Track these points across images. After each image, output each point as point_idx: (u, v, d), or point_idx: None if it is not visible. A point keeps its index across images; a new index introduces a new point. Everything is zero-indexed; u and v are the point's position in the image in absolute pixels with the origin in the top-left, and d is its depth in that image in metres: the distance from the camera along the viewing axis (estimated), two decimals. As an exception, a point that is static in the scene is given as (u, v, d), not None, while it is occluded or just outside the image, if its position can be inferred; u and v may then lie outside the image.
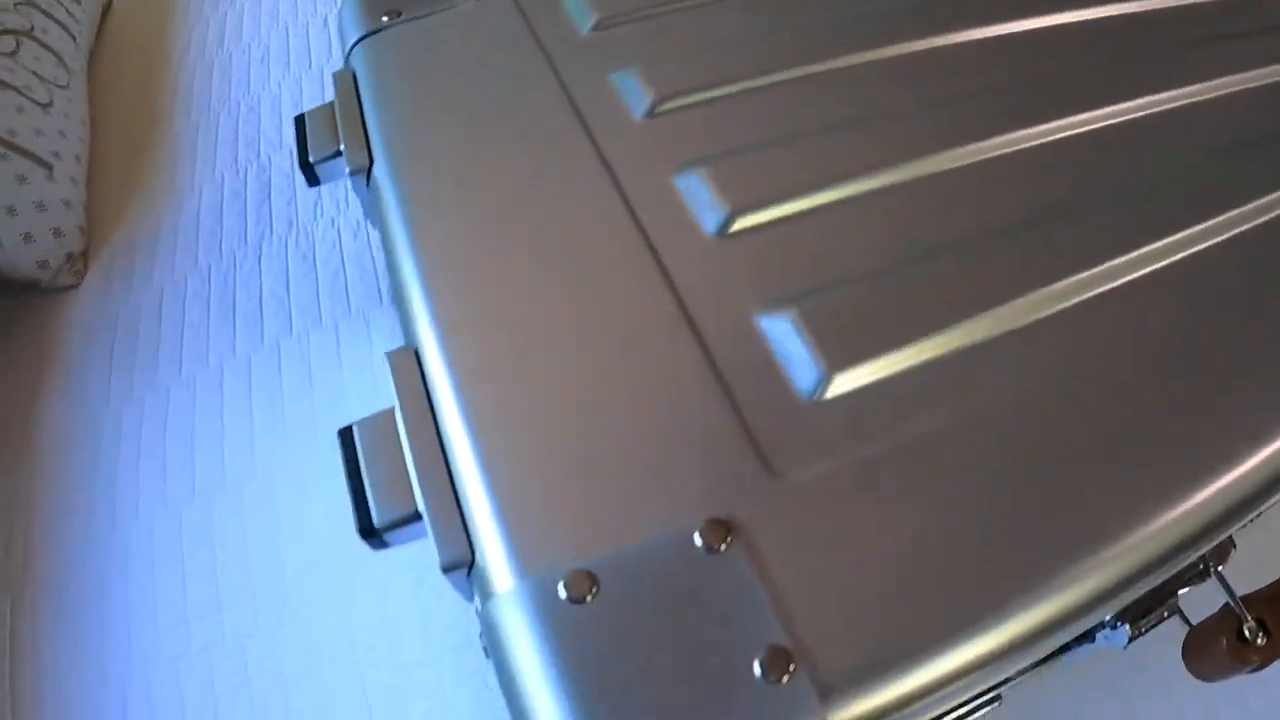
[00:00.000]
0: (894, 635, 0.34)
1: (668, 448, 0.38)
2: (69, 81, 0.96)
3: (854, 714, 0.33)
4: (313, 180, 0.58)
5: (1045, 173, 0.48)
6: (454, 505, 0.39)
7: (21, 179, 0.83)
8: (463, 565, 0.37)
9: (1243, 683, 0.59)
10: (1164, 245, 0.44)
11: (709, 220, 0.47)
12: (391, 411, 0.43)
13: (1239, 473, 0.38)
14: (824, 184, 0.48)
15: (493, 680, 0.62)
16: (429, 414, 0.42)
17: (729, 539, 0.36)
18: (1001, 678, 0.37)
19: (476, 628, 0.65)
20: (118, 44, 1.12)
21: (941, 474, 0.37)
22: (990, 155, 0.49)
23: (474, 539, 0.38)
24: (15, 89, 0.87)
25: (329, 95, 0.96)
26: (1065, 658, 0.47)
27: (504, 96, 0.54)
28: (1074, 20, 0.57)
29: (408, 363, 0.44)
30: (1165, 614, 0.41)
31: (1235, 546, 0.45)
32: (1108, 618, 0.40)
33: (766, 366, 0.41)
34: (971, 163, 0.49)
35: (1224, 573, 0.43)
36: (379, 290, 0.82)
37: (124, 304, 0.86)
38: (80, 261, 0.88)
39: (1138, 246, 0.44)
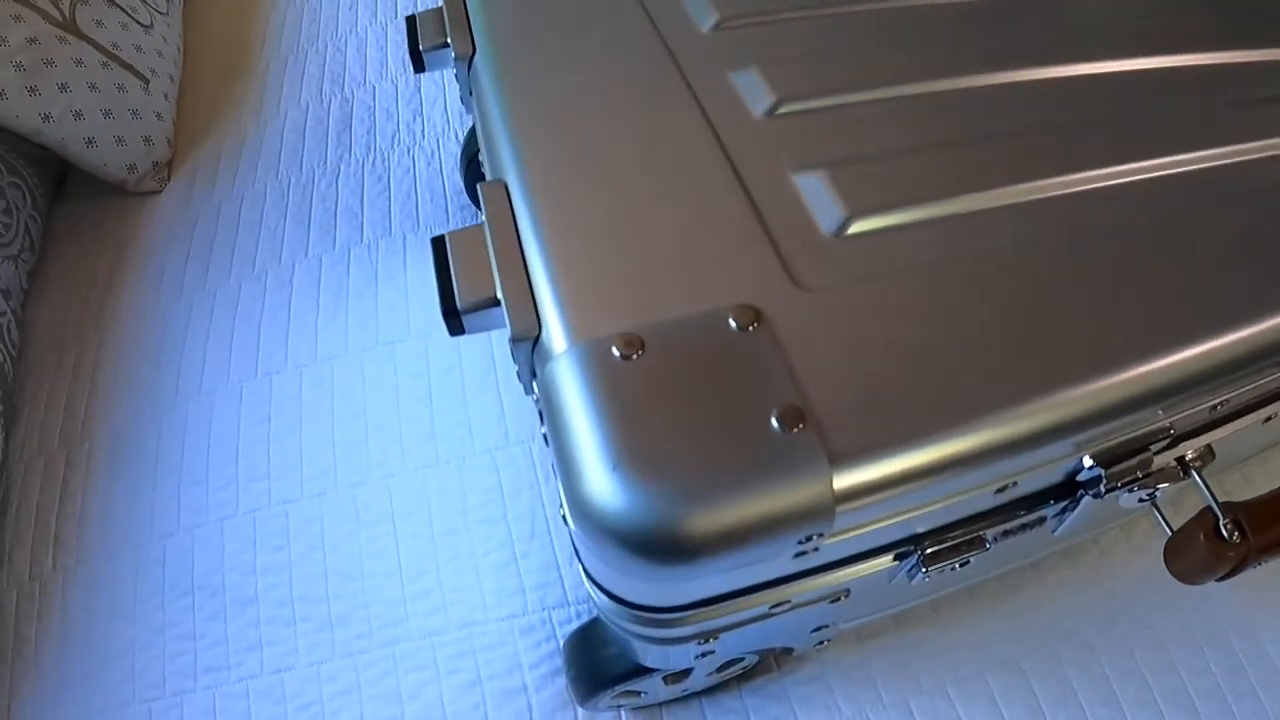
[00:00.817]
0: (892, 419, 0.38)
1: (708, 254, 0.43)
2: (168, 10, 1.03)
3: (856, 480, 0.36)
4: (419, 67, 0.64)
5: (1064, 100, 0.53)
6: (527, 289, 0.43)
7: (120, 87, 0.89)
8: (530, 336, 0.41)
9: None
10: (1149, 164, 0.49)
11: (759, 106, 0.52)
12: (480, 225, 0.47)
13: (1198, 350, 0.41)
14: (863, 85, 0.53)
15: (520, 550, 0.67)
16: (511, 226, 0.47)
17: (756, 323, 0.40)
18: (989, 483, 0.41)
19: (505, 502, 0.70)
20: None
21: (943, 296, 0.42)
22: (1018, 80, 0.54)
23: (541, 315, 0.42)
24: (121, 8, 0.94)
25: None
26: (1054, 526, 0.50)
27: (589, 5, 0.60)
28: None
29: (496, 189, 0.49)
30: (1140, 473, 0.44)
31: (1215, 456, 0.48)
32: (1086, 463, 0.43)
33: (797, 209, 0.46)
34: (1001, 83, 0.53)
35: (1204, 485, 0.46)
36: (446, 210, 0.87)
37: (204, 207, 0.91)
38: (165, 170, 0.94)
39: (1127, 161, 0.49)
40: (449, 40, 0.61)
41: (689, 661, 0.51)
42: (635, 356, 0.39)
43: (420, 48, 0.62)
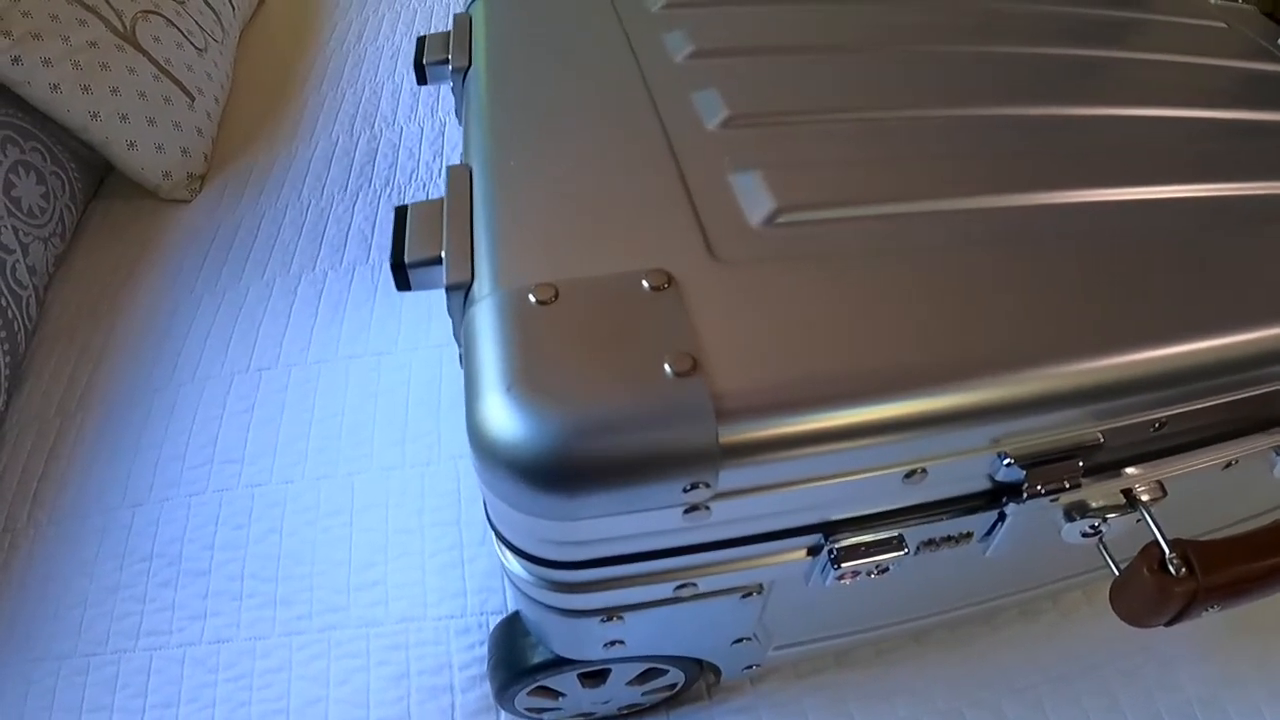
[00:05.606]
0: (787, 380, 0.39)
1: (637, 231, 0.46)
2: (223, 39, 1.11)
3: (744, 435, 0.37)
4: (421, 79, 0.69)
5: (1009, 133, 0.55)
6: (467, 247, 0.46)
7: (167, 100, 0.96)
8: (463, 284, 0.44)
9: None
10: (1088, 192, 0.50)
11: (712, 120, 0.55)
12: (439, 200, 0.51)
13: (1116, 359, 0.41)
14: (814, 109, 0.56)
15: (468, 554, 0.68)
16: (467, 199, 0.50)
17: (668, 283, 0.42)
18: (893, 465, 0.41)
19: (462, 507, 0.71)
20: (270, 28, 1.30)
21: (858, 278, 0.43)
22: (964, 114, 0.56)
23: (475, 269, 0.44)
24: (178, 29, 1.02)
25: (445, 94, 1.11)
26: (984, 546, 0.48)
27: (575, 32, 0.66)
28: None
29: (461, 170, 0.52)
30: (1067, 483, 0.44)
31: (1166, 493, 0.48)
32: (1005, 461, 0.43)
33: (729, 202, 0.48)
34: (949, 115, 0.56)
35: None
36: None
37: (228, 218, 0.96)
38: (197, 182, 1.00)
39: (1065, 188, 0.50)
40: (449, 56, 0.66)
41: (599, 651, 0.51)
42: (549, 302, 0.41)
43: (424, 61, 0.67)
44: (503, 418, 0.37)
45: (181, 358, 0.82)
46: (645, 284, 0.42)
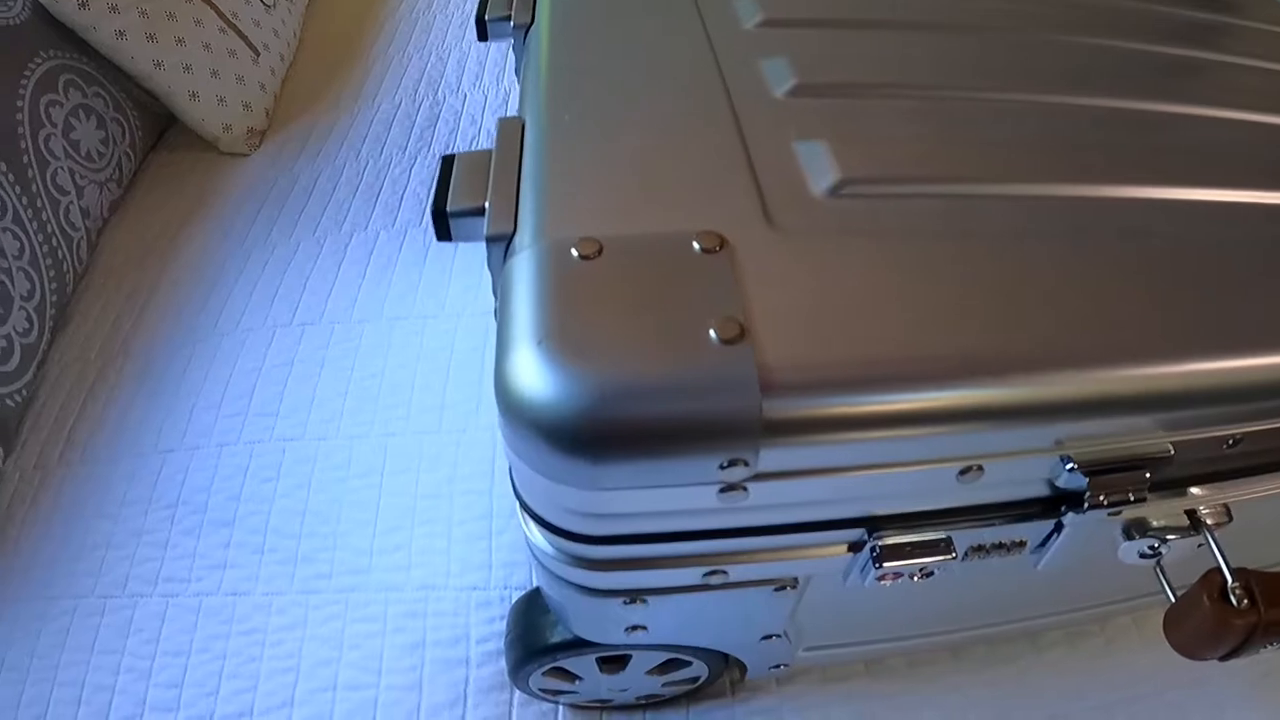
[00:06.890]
0: (839, 358, 0.36)
1: (691, 192, 0.43)
2: (294, -2, 1.12)
3: (789, 412, 0.35)
4: (482, 35, 0.67)
5: (1085, 123, 0.52)
6: (512, 198, 0.44)
7: (232, 53, 0.96)
8: (504, 235, 0.42)
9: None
10: (1182, 191, 0.47)
11: (780, 87, 0.52)
12: (488, 150, 0.49)
13: (1192, 366, 0.38)
14: (884, 81, 0.53)
15: (497, 526, 0.66)
16: (516, 152, 0.48)
17: (720, 247, 0.39)
18: (948, 459, 0.38)
19: (494, 478, 0.70)
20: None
21: (922, 258, 0.40)
22: (1039, 100, 0.53)
23: (519, 221, 0.43)
24: (250, -15, 1.02)
25: (511, 63, 1.10)
26: (1037, 557, 0.46)
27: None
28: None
29: (513, 122, 0.51)
30: (1131, 496, 0.41)
31: (1232, 518, 0.44)
32: (1069, 466, 0.40)
33: (792, 170, 0.45)
34: (1022, 100, 0.52)
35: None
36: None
37: (284, 174, 0.96)
38: (257, 137, 1.00)
39: (1138, 183, 0.47)
40: (511, 13, 0.64)
41: (620, 636, 0.49)
42: (592, 257, 0.39)
43: (485, 17, 0.66)
44: (531, 372, 0.35)
45: (226, 308, 0.82)
46: (696, 245, 0.39)
